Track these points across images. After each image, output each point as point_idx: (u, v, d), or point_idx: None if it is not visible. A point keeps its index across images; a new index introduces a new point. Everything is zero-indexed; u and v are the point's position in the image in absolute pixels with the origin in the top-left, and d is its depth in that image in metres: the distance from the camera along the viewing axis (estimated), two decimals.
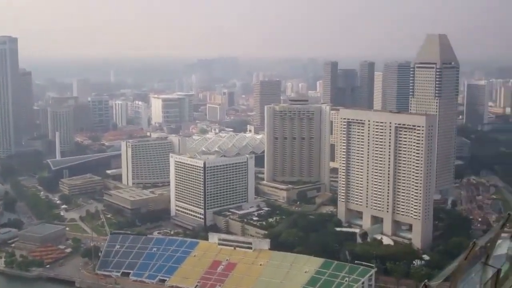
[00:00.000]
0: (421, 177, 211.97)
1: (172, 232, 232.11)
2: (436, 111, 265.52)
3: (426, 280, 10.78)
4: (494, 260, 12.59)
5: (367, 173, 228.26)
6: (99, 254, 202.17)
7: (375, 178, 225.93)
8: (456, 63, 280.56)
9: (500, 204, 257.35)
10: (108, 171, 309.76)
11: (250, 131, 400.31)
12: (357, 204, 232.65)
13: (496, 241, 12.83)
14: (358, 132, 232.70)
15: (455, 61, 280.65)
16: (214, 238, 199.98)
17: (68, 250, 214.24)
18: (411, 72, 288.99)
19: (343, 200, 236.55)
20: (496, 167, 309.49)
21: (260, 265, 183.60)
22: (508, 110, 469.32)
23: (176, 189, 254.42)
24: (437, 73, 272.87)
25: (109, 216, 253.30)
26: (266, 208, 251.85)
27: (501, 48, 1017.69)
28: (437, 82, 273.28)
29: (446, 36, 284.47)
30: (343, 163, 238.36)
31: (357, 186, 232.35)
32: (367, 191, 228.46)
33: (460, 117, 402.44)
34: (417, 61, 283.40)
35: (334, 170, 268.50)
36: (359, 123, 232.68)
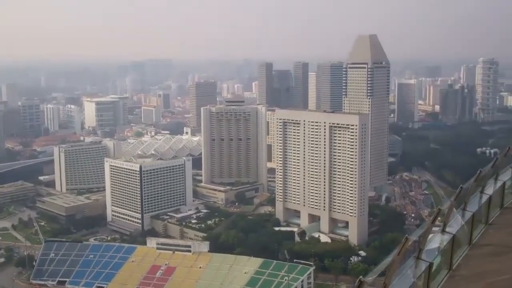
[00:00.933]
0: (355, 174, 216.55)
1: (108, 238, 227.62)
2: (369, 110, 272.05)
3: (361, 276, 10.94)
4: (427, 254, 12.92)
5: (304, 172, 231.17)
6: (34, 263, 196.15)
7: (311, 177, 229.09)
8: (386, 63, 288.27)
9: (432, 198, 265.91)
10: (41, 178, 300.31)
11: (186, 133, 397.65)
12: (295, 203, 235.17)
13: (427, 236, 13.19)
14: (294, 132, 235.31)
15: (385, 61, 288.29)
16: (152, 242, 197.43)
17: (1, 260, 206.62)
18: (344, 72, 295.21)
19: (280, 199, 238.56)
20: (427, 163, 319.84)
21: (200, 268, 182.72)
22: (437, 107, 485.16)
23: (112, 194, 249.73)
24: (369, 73, 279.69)
25: (43, 223, 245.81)
26: (205, 211, 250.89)
27: (429, 48, 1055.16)
28: (368, 82, 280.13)
29: (376, 36, 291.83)
30: (280, 163, 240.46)
31: (294, 185, 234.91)
32: (304, 190, 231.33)
33: (392, 115, 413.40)
34: (349, 62, 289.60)
35: (272, 170, 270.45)
36: (294, 123, 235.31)
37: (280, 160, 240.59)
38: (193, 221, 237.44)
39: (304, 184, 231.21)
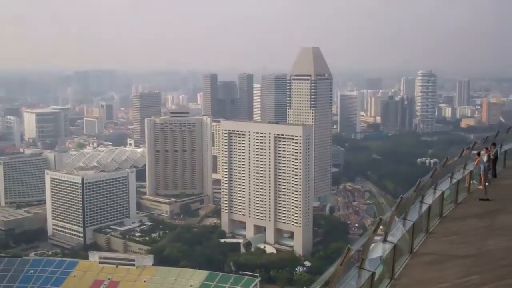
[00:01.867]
0: (300, 185, 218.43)
1: (49, 253, 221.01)
2: (312, 121, 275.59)
3: (304, 287, 10.96)
4: (369, 263, 13.07)
5: (249, 183, 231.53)
6: None
7: (256, 188, 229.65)
8: (329, 75, 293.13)
9: (374, 208, 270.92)
10: None
11: (130, 144, 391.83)
12: (240, 214, 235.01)
13: (369, 245, 13.35)
14: (239, 143, 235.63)
15: (328, 73, 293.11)
16: (94, 256, 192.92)
17: None
18: (288, 84, 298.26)
19: (226, 211, 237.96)
20: (369, 173, 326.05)
21: (144, 282, 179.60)
22: (378, 119, 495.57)
23: (53, 207, 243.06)
24: (312, 85, 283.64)
25: None
26: (149, 223, 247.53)
27: (370, 60, 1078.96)
28: (312, 94, 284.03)
29: (319, 49, 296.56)
30: (225, 174, 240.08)
31: (240, 196, 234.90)
32: (249, 201, 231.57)
33: (335, 126, 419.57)
34: (293, 74, 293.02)
35: (217, 182, 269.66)
36: (239, 134, 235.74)
37: (225, 171, 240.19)
38: (137, 234, 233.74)
39: (249, 195, 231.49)
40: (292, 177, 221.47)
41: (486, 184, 26.56)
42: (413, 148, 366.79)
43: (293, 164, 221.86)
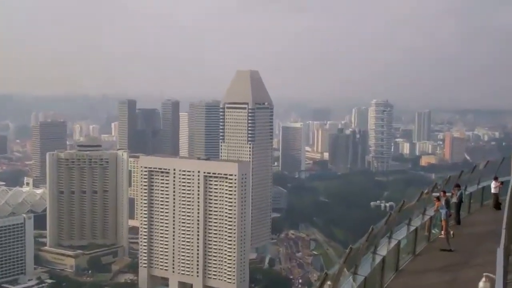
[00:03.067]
0: (234, 233, 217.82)
1: None
2: (250, 158, 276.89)
3: None
4: None
5: (173, 232, 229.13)
6: None
7: (182, 238, 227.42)
8: (269, 103, 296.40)
9: (321, 260, 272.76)
10: None
11: (27, 184, 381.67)
12: (162, 269, 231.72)
13: None
14: (162, 183, 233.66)
15: (268, 100, 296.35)
16: None
17: None
18: (221, 113, 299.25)
19: (145, 265, 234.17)
20: (315, 218, 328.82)
21: None
22: (326, 155, 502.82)
23: None
24: (249, 114, 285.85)
25: None
26: (50, 281, 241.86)
27: (316, 87, 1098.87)
28: (249, 125, 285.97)
29: (258, 72, 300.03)
30: (144, 221, 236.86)
31: (162, 247, 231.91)
32: (173, 253, 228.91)
33: (276, 163, 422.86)
34: (227, 101, 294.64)
35: (134, 230, 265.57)
36: (163, 172, 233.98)
37: (144, 218, 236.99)
38: None
39: (173, 246, 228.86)
40: (225, 224, 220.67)
41: (450, 232, 27.19)
42: (366, 189, 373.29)
43: (226, 209, 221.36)
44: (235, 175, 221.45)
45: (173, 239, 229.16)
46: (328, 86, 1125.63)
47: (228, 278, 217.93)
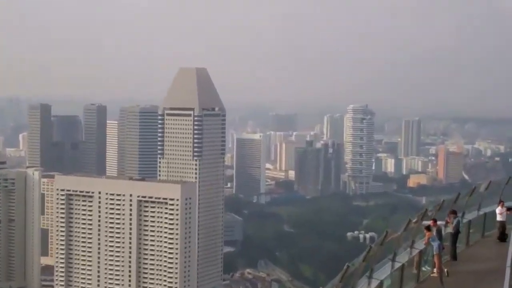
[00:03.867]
0: (176, 273, 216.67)
1: None
2: (196, 177, 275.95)
3: None
4: None
5: (98, 272, 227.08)
6: None
7: (110, 280, 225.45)
8: (221, 109, 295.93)
9: None
10: None
11: None
12: None
13: None
14: (84, 209, 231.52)
15: (219, 105, 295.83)
16: None
17: None
18: (160, 121, 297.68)
19: None
20: (278, 253, 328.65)
21: None
22: (291, 174, 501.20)
23: None
24: (196, 122, 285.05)
25: None
26: None
27: (280, 91, 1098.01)
28: (195, 136, 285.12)
29: (206, 70, 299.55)
30: (61, 259, 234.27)
31: None
32: None
33: (229, 185, 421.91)
34: (167, 106, 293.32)
35: (48, 269, 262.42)
36: (84, 196, 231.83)
37: (61, 254, 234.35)
38: None
39: None
40: (165, 261, 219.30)
41: (444, 270, 27.33)
42: (341, 216, 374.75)
43: (166, 242, 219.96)
44: (177, 200, 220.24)
45: (98, 281, 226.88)
46: (294, 88, 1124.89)
47: None
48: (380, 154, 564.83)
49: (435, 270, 27.46)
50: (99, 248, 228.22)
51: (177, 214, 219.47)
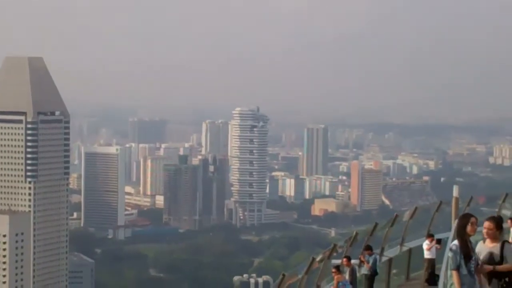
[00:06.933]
0: None
1: None
2: (30, 206, 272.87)
3: None
4: None
5: None
6: None
7: None
8: (64, 112, 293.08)
9: None
10: None
11: None
12: None
13: None
14: None
15: (62, 108, 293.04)
16: None
17: None
18: None
19: None
20: None
21: None
22: (159, 200, 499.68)
23: None
24: (29, 131, 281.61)
25: None
26: None
27: (143, 89, 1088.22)
28: (29, 150, 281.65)
29: (42, 60, 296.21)
30: None
31: None
32: None
33: (76, 215, 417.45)
34: None
35: None
36: None
37: None
38: None
39: None
40: None
41: None
42: (226, 256, 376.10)
43: None
44: (4, 236, 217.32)
45: None
46: (162, 86, 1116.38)
47: None
48: (276, 173, 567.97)
49: None
50: None
51: (4, 256, 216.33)
